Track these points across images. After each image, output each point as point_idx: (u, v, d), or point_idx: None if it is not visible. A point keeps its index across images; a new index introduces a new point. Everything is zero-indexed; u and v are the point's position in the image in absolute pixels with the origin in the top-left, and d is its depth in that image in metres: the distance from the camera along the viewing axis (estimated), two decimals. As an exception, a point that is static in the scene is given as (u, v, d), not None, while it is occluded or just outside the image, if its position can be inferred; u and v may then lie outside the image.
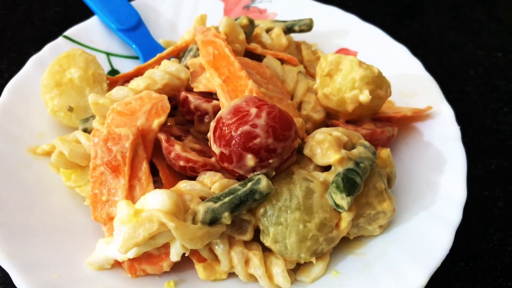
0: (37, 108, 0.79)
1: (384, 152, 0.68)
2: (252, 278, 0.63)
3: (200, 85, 0.70)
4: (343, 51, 0.93)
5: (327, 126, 0.73)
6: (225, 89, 0.68)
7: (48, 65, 0.81)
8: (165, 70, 0.69)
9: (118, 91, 0.68)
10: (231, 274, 0.65)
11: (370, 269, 0.64)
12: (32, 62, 0.83)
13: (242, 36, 0.77)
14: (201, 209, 0.59)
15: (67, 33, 0.88)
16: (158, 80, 0.68)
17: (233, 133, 0.60)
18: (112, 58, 0.90)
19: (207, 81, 0.70)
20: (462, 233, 0.66)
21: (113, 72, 0.89)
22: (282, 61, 0.80)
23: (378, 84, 0.71)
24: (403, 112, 0.76)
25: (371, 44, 0.91)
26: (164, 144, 0.65)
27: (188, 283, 0.64)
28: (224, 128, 0.61)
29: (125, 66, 0.90)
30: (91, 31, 0.90)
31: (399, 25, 1.10)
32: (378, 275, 0.62)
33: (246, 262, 0.63)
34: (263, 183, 0.59)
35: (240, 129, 0.59)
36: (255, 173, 0.61)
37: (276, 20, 0.89)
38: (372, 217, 0.65)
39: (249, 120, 0.60)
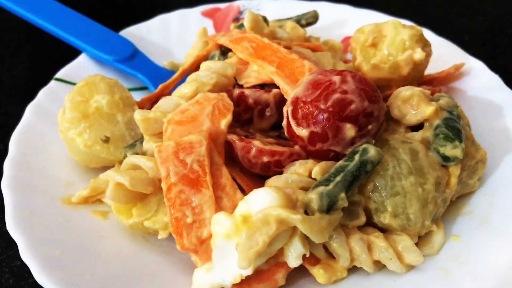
0: (54, 156, 0.68)
1: (457, 105, 0.65)
2: (376, 266, 0.56)
3: (251, 79, 0.64)
4: (348, 39, 0.91)
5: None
6: (282, 75, 0.62)
7: (46, 110, 0.72)
8: (210, 70, 0.62)
9: (166, 101, 0.60)
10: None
11: (489, 223, 0.59)
12: (31, 110, 0.71)
13: (266, 30, 0.72)
14: (313, 196, 0.51)
15: (59, 75, 0.78)
16: (206, 80, 0.61)
17: (322, 106, 0.53)
18: (114, 93, 0.80)
19: (257, 73, 0.64)
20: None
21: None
22: (308, 51, 0.76)
23: (424, 41, 0.69)
24: (446, 71, 0.75)
25: (373, 26, 0.90)
26: (239, 144, 0.56)
27: (308, 294, 0.55)
28: (307, 106, 0.55)
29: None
30: (83, 69, 0.81)
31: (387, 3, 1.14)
32: (502, 224, 0.58)
33: (368, 248, 0.55)
34: (372, 151, 0.53)
35: (330, 99, 0.53)
36: (354, 146, 0.55)
37: (279, 19, 0.85)
38: (472, 168, 0.61)
39: (336, 88, 0.54)
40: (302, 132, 0.55)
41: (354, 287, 0.55)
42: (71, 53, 0.84)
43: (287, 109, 0.57)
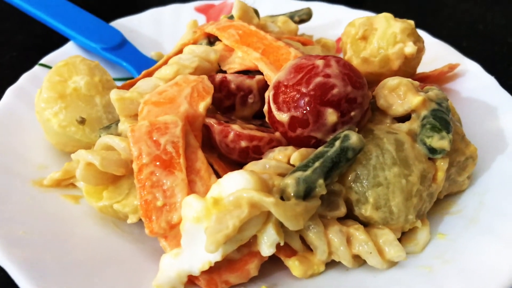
0: (29, 139, 0.66)
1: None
2: (356, 261, 0.53)
3: (235, 65, 0.62)
4: (342, 39, 0.89)
5: (370, 94, 0.67)
6: (266, 61, 0.60)
7: (27, 93, 0.70)
8: (192, 53, 0.60)
9: (145, 82, 0.58)
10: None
11: (477, 222, 0.56)
12: (10, 93, 0.70)
13: (255, 20, 0.70)
14: (290, 181, 0.49)
15: (44, 60, 0.77)
16: (188, 63, 0.59)
17: (303, 90, 0.51)
18: (99, 81, 0.79)
19: (241, 59, 0.62)
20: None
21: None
22: (298, 44, 0.74)
23: (417, 36, 0.67)
24: (439, 69, 0.73)
25: (368, 27, 0.89)
26: (217, 128, 0.54)
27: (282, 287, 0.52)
28: (288, 90, 0.52)
29: (114, 89, 0.79)
30: (69, 55, 0.78)
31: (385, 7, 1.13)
32: (490, 225, 0.55)
33: (348, 241, 0.52)
34: (353, 137, 0.51)
35: (312, 82, 0.51)
36: (336, 132, 0.52)
37: (272, 15, 0.84)
38: (462, 165, 0.58)
39: (319, 71, 0.52)
40: (283, 117, 0.53)
41: (331, 282, 0.52)
42: (61, 44, 0.82)
43: (268, 94, 0.55)
